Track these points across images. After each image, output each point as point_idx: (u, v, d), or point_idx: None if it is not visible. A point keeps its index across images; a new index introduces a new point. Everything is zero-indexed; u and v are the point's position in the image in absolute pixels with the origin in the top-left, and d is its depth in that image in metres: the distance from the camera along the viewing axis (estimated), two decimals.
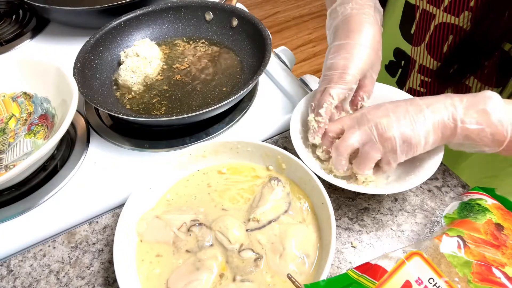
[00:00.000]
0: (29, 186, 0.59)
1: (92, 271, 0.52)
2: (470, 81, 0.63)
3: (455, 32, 0.61)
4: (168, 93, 0.71)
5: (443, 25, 0.62)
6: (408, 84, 0.75)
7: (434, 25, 0.64)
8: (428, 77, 0.70)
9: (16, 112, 0.67)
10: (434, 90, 0.70)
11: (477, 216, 0.47)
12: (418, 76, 0.72)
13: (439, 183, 0.59)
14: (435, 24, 0.64)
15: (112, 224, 0.56)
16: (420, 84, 0.72)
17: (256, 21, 0.74)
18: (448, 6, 0.60)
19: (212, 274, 0.46)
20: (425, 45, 0.67)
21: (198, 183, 0.57)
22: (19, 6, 0.99)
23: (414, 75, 0.72)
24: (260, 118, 0.68)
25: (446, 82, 0.66)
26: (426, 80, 0.71)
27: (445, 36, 0.63)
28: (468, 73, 0.62)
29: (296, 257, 0.47)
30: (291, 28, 2.62)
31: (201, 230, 0.50)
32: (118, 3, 0.80)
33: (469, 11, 0.58)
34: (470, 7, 0.58)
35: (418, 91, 0.73)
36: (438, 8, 0.62)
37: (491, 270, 0.41)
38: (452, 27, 0.61)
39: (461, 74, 0.63)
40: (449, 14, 0.60)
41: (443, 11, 0.61)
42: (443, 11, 0.61)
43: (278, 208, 0.52)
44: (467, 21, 0.59)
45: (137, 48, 0.74)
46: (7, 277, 0.52)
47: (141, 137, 0.65)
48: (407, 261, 0.42)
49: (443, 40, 0.64)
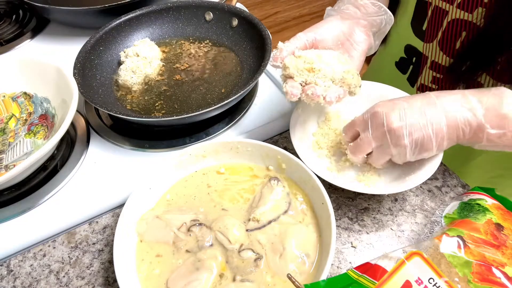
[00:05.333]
0: (29, 186, 0.59)
1: (92, 271, 0.52)
2: (482, 77, 0.63)
3: (468, 28, 0.61)
4: (168, 93, 0.71)
5: (456, 22, 0.62)
6: (420, 81, 0.75)
7: (447, 22, 0.64)
8: (440, 74, 0.70)
9: (16, 112, 0.67)
10: (446, 86, 0.70)
11: (477, 216, 0.47)
12: (430, 72, 0.72)
13: (439, 183, 0.59)
14: (448, 20, 0.63)
15: (112, 224, 0.56)
16: (432, 81, 0.72)
17: (256, 21, 0.74)
18: (461, 2, 0.60)
19: (212, 274, 0.46)
20: (438, 41, 0.67)
21: (198, 183, 0.57)
22: (19, 6, 0.99)
23: (426, 72, 0.72)
24: (260, 118, 0.68)
25: (458, 79, 0.66)
26: (438, 76, 0.70)
27: (458, 32, 0.63)
28: (481, 70, 0.62)
29: (296, 257, 0.47)
30: (291, 28, 2.61)
31: (201, 230, 0.50)
32: (118, 3, 0.80)
33: (483, 8, 0.58)
34: (484, 3, 0.57)
35: (430, 88, 0.73)
36: (451, 4, 0.62)
37: (491, 270, 0.41)
38: (465, 23, 0.61)
39: (473, 70, 0.63)
40: (463, 10, 0.60)
41: (456, 7, 0.61)
42: (456, 8, 0.61)
43: (278, 208, 0.52)
44: (480, 18, 0.58)
45: (137, 48, 0.74)
46: (7, 277, 0.52)
47: (141, 137, 0.65)
48: (407, 261, 0.42)
49: (456, 36, 0.64)
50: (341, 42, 0.59)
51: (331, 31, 0.58)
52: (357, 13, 0.61)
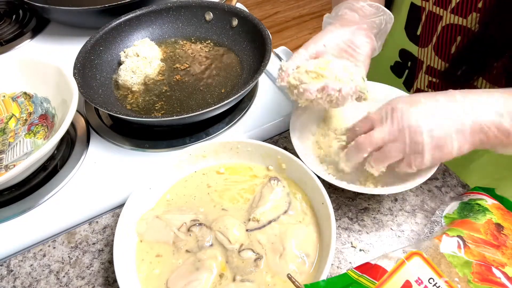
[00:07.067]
0: (29, 186, 0.59)
1: (92, 271, 0.52)
2: (478, 82, 0.63)
3: (463, 33, 0.61)
4: (168, 93, 0.71)
5: (450, 26, 0.62)
6: (416, 85, 0.75)
7: (442, 26, 0.64)
8: (436, 78, 0.70)
9: (16, 112, 0.67)
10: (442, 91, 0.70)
11: (477, 216, 0.47)
12: (425, 77, 0.71)
13: (439, 183, 0.59)
14: (442, 25, 0.63)
15: (112, 224, 0.56)
16: (428, 85, 0.72)
17: (256, 21, 0.74)
18: (455, 7, 0.60)
19: (212, 274, 0.46)
20: (433, 46, 0.67)
21: (198, 183, 0.57)
22: (19, 6, 0.99)
23: (422, 76, 0.72)
24: (260, 118, 0.68)
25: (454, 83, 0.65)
26: (434, 81, 0.70)
27: (453, 37, 0.63)
28: (477, 74, 0.62)
29: (296, 257, 0.47)
30: (291, 28, 2.61)
31: (201, 230, 0.50)
32: (118, 3, 0.80)
33: (477, 12, 0.58)
34: (478, 8, 0.57)
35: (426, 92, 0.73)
36: (445, 9, 0.62)
37: (491, 270, 0.41)
38: (460, 28, 0.61)
39: (469, 75, 0.62)
40: (457, 15, 0.60)
41: (451, 12, 0.61)
42: (451, 13, 0.61)
43: (278, 208, 0.52)
44: (475, 23, 0.58)
45: (137, 48, 0.74)
46: (7, 277, 0.52)
47: (141, 137, 0.65)
48: (407, 261, 0.42)
49: (451, 41, 0.63)
50: (344, 50, 0.57)
51: (331, 40, 0.57)
52: (356, 17, 0.60)
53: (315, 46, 0.57)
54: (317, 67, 0.52)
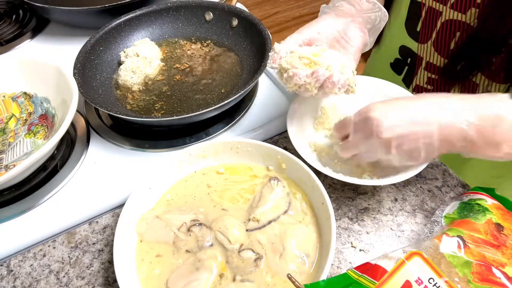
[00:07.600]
0: (29, 186, 0.59)
1: (92, 271, 0.52)
2: (477, 78, 0.63)
3: (462, 29, 0.61)
4: (168, 93, 0.71)
5: (450, 22, 0.62)
6: (415, 82, 0.75)
7: (441, 22, 0.64)
8: (435, 74, 0.70)
9: (16, 112, 0.67)
10: (441, 87, 0.70)
11: (477, 216, 0.47)
12: (425, 73, 0.72)
13: (439, 183, 0.59)
14: (441, 21, 0.64)
15: (112, 224, 0.56)
16: (427, 82, 0.72)
17: (256, 21, 0.74)
18: (455, 3, 0.60)
19: (212, 274, 0.46)
20: (432, 42, 0.67)
21: (198, 183, 0.57)
22: (19, 6, 0.99)
23: (421, 73, 0.72)
24: (260, 118, 0.68)
25: (453, 79, 0.66)
26: (433, 77, 0.71)
27: (452, 33, 0.63)
28: (476, 70, 0.62)
29: (296, 257, 0.47)
30: (291, 28, 2.61)
31: (201, 230, 0.50)
32: (118, 3, 0.80)
33: (476, 8, 0.58)
34: (477, 4, 0.58)
35: (425, 89, 0.73)
36: (444, 5, 0.62)
37: (491, 270, 0.41)
38: (459, 24, 0.61)
39: (468, 71, 0.63)
40: (456, 11, 0.61)
41: (450, 8, 0.61)
42: (450, 8, 0.61)
43: (278, 208, 0.52)
44: (474, 18, 0.59)
45: (137, 48, 0.74)
46: (7, 277, 0.52)
47: (141, 137, 0.65)
48: (407, 261, 0.42)
49: (450, 37, 0.64)
50: (336, 40, 0.59)
51: (325, 29, 0.59)
52: (352, 10, 0.61)
53: (309, 32, 0.58)
54: (310, 54, 0.53)
